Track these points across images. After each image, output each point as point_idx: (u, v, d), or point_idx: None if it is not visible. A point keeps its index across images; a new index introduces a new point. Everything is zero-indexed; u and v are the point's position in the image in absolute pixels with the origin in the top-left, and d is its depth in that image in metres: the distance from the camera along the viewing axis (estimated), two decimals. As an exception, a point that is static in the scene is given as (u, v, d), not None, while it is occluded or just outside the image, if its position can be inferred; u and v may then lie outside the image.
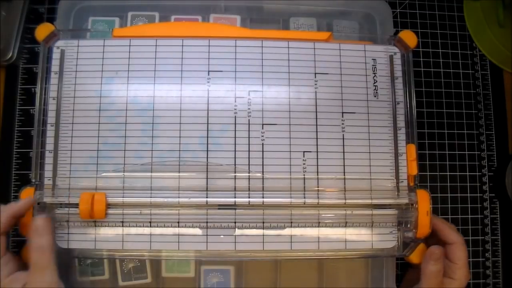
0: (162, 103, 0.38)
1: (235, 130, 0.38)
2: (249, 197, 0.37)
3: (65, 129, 0.37)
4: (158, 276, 0.40)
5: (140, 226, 0.36)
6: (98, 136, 0.37)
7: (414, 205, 0.37)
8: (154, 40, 0.39)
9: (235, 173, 0.37)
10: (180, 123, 0.38)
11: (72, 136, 0.37)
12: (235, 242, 0.37)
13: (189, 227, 0.36)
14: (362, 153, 0.38)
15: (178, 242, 0.36)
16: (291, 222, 0.37)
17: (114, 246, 0.36)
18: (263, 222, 0.37)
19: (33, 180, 0.36)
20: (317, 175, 0.38)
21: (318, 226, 0.37)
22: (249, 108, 0.38)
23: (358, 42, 0.40)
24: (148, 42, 0.39)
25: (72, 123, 0.37)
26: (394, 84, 0.39)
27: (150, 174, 0.37)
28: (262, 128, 0.38)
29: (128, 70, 0.38)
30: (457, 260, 0.36)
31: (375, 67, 0.39)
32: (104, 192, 0.36)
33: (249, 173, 0.37)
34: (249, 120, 0.38)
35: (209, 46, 0.39)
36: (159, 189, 0.37)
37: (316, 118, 0.38)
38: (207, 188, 0.37)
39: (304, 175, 0.38)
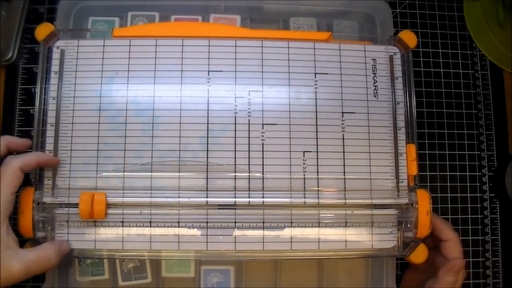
0: (162, 103, 0.38)
1: (235, 130, 0.38)
2: (249, 197, 0.37)
3: (65, 129, 0.37)
4: (158, 276, 0.40)
5: (140, 226, 0.36)
6: (98, 136, 0.37)
7: (414, 205, 0.37)
8: (154, 40, 0.39)
9: (235, 173, 0.37)
10: (180, 123, 0.38)
11: (72, 136, 0.37)
12: (235, 242, 0.37)
13: (189, 227, 0.36)
14: (362, 153, 0.38)
15: (178, 242, 0.36)
16: (291, 222, 0.37)
17: (114, 246, 0.36)
18: (263, 222, 0.37)
19: (33, 180, 0.36)
20: (317, 175, 0.38)
21: (318, 226, 0.37)
22: (249, 108, 0.38)
23: (358, 42, 0.40)
24: (148, 42, 0.39)
25: (72, 123, 0.37)
26: (394, 84, 0.39)
27: (150, 174, 0.37)
28: (262, 128, 0.38)
29: (128, 70, 0.38)
30: (452, 257, 0.37)
31: (375, 67, 0.39)
32: (104, 192, 0.36)
33: (249, 173, 0.37)
34: (249, 120, 0.38)
35: (209, 46, 0.39)
36: (159, 189, 0.37)
37: (316, 118, 0.38)
38: (207, 188, 0.37)
39: (304, 175, 0.38)
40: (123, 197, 0.36)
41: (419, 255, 0.37)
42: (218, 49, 0.39)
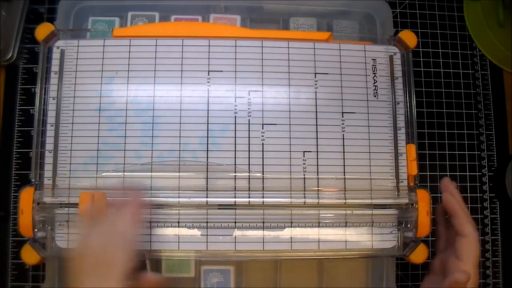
0: (162, 103, 0.38)
1: (235, 130, 0.38)
2: (249, 197, 0.37)
3: (65, 129, 0.37)
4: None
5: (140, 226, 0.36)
6: (98, 136, 0.37)
7: (414, 205, 0.37)
8: (154, 40, 0.39)
9: (235, 173, 0.37)
10: (180, 123, 0.38)
11: (72, 136, 0.37)
12: (235, 242, 0.37)
13: (189, 227, 0.36)
14: (362, 153, 0.38)
15: (178, 242, 0.36)
16: (291, 222, 0.37)
17: (114, 246, 0.36)
18: (263, 222, 0.37)
19: (33, 180, 0.36)
20: (317, 175, 0.38)
21: (318, 226, 0.37)
22: (249, 108, 0.38)
23: (358, 42, 0.40)
24: (148, 42, 0.39)
25: (72, 123, 0.37)
26: (394, 84, 0.39)
27: (150, 174, 0.37)
28: (262, 128, 0.38)
29: (128, 70, 0.38)
30: (464, 257, 0.32)
31: (375, 67, 0.39)
32: (104, 192, 0.36)
33: (249, 173, 0.37)
34: (249, 120, 0.38)
35: (209, 46, 0.39)
36: (159, 189, 0.37)
37: (316, 118, 0.38)
38: (207, 188, 0.37)
39: (304, 175, 0.38)
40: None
41: (419, 255, 0.37)
42: (218, 49, 0.39)
